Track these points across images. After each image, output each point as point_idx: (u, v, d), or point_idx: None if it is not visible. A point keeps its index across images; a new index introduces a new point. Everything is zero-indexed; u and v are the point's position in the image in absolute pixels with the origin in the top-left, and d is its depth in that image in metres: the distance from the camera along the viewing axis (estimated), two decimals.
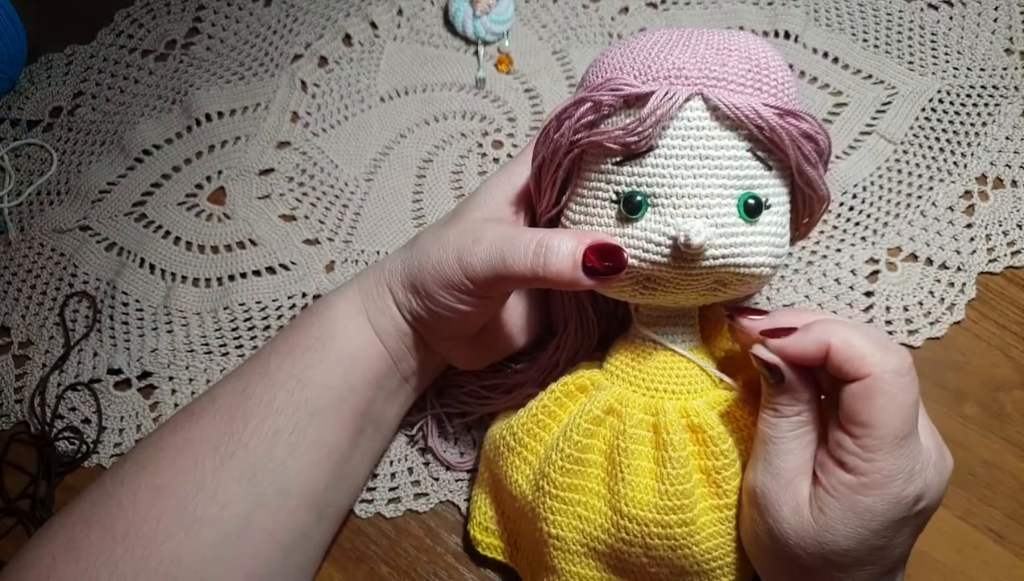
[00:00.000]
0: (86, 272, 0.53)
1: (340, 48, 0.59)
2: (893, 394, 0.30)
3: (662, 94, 0.31)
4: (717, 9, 0.58)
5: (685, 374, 0.36)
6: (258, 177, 0.55)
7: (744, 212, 0.32)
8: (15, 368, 0.50)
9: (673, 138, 0.32)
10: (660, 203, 0.32)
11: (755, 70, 0.32)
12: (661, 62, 0.32)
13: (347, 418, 0.39)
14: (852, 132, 0.54)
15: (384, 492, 0.45)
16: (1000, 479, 0.44)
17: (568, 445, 0.35)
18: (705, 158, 0.32)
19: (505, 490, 0.38)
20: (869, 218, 0.51)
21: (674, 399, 0.36)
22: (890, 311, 0.48)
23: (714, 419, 0.35)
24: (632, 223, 0.33)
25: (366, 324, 0.39)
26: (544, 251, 0.33)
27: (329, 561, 0.43)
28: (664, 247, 0.32)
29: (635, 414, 0.35)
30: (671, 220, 0.32)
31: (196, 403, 0.39)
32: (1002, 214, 0.50)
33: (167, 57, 0.60)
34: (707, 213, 0.32)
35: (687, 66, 0.32)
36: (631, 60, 0.33)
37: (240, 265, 0.52)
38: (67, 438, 0.47)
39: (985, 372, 0.47)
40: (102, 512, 0.35)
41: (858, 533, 0.30)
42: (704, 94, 0.31)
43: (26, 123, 0.58)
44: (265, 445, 0.37)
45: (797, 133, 0.32)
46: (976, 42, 0.56)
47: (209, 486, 0.35)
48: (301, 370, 0.38)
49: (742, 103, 0.31)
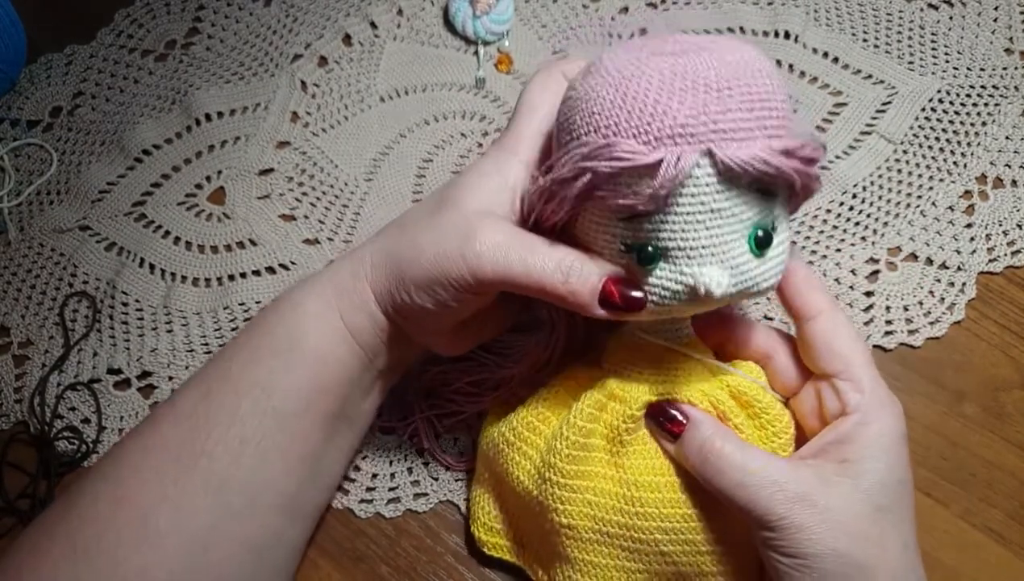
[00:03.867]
0: (86, 272, 0.53)
1: (340, 48, 0.59)
2: (847, 324, 0.35)
3: (673, 161, 0.30)
4: (717, 9, 0.58)
5: (684, 367, 0.36)
6: (258, 177, 0.55)
7: (755, 246, 0.32)
8: (15, 368, 0.50)
9: (683, 196, 0.31)
10: (674, 255, 0.32)
11: (757, 108, 0.31)
12: (662, 118, 0.30)
13: (318, 421, 0.37)
14: (852, 132, 0.54)
15: (384, 492, 0.45)
16: (1001, 479, 0.44)
17: (572, 431, 0.35)
18: (716, 211, 0.31)
19: (508, 487, 0.38)
20: (869, 218, 0.51)
21: (677, 386, 0.36)
22: (890, 311, 0.48)
23: (724, 396, 0.35)
24: (646, 273, 0.32)
25: (339, 324, 0.37)
26: (568, 271, 0.32)
27: (329, 561, 0.43)
28: (682, 295, 0.32)
29: (640, 397, 0.35)
30: (687, 269, 0.31)
31: (158, 409, 0.38)
32: (1002, 214, 0.50)
33: (167, 57, 0.60)
34: (721, 258, 0.31)
35: (690, 121, 0.30)
36: (627, 114, 0.30)
37: (240, 265, 0.52)
38: (67, 438, 0.47)
39: (985, 372, 0.47)
40: (64, 526, 0.34)
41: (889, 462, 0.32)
42: (712, 152, 0.30)
43: (26, 123, 0.58)
44: (231, 454, 0.35)
45: (802, 164, 0.31)
46: (976, 42, 0.56)
47: (171, 497, 0.34)
48: (267, 377, 0.36)
49: (749, 156, 0.30)
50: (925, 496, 0.43)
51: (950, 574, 0.42)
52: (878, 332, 0.47)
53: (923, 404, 0.46)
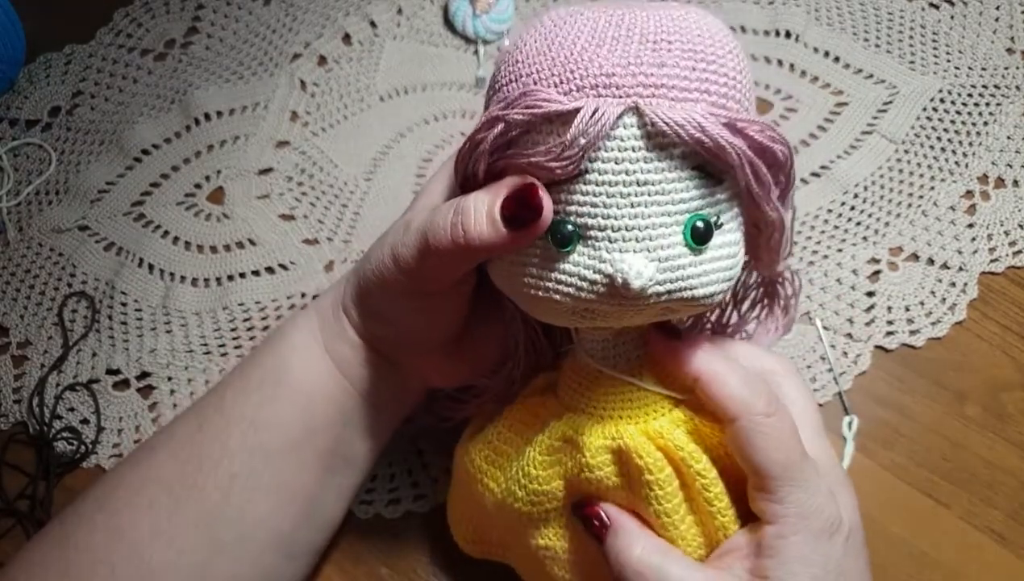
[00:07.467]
0: (85, 272, 0.53)
1: (339, 47, 0.59)
2: (765, 433, 0.29)
3: (589, 114, 0.26)
4: (718, 9, 0.58)
5: (638, 396, 0.32)
6: (257, 177, 0.55)
7: (692, 239, 0.27)
8: (13, 368, 0.50)
9: (605, 161, 0.27)
10: (593, 235, 0.27)
11: (700, 67, 0.27)
12: (586, 65, 0.26)
13: (310, 459, 0.36)
14: (853, 132, 0.53)
15: (383, 493, 0.45)
16: (1001, 479, 0.44)
17: (528, 480, 0.33)
18: (643, 184, 0.27)
19: (483, 506, 0.37)
20: (870, 218, 0.51)
21: (631, 423, 0.32)
22: (891, 311, 0.48)
23: (682, 438, 0.31)
24: (562, 257, 0.28)
25: (322, 356, 0.36)
26: (460, 216, 0.29)
27: (329, 562, 0.43)
28: (600, 286, 0.28)
29: (593, 442, 0.32)
30: (607, 255, 0.27)
31: (155, 437, 0.37)
32: (1004, 214, 0.50)
33: (166, 56, 0.60)
34: (648, 246, 0.27)
35: (617, 71, 0.26)
36: (550, 62, 0.27)
37: (239, 265, 0.52)
38: (66, 438, 0.47)
39: (987, 372, 0.46)
40: (59, 555, 0.34)
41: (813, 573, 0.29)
42: (639, 107, 0.26)
43: (25, 122, 0.58)
44: (221, 490, 0.34)
45: (748, 148, 0.27)
46: (977, 41, 0.56)
47: (165, 531, 0.34)
48: (253, 410, 0.35)
49: (683, 118, 0.26)
50: (926, 497, 0.43)
51: (950, 575, 0.42)
52: (879, 332, 0.47)
53: (924, 405, 0.46)
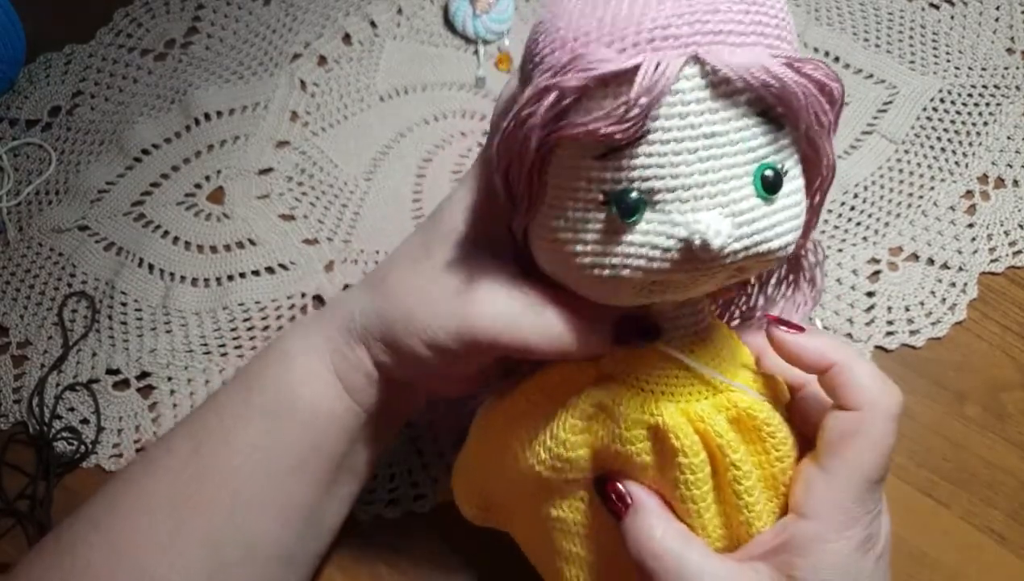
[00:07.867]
0: (85, 272, 0.53)
1: (340, 47, 0.59)
2: (877, 436, 0.28)
3: (652, 68, 0.24)
4: None
5: (684, 378, 0.31)
6: (257, 177, 0.55)
7: (763, 189, 0.26)
8: (13, 368, 0.50)
9: (668, 118, 0.25)
10: (661, 199, 0.26)
11: (752, 9, 0.25)
12: (639, 20, 0.25)
13: (315, 476, 0.36)
14: (853, 132, 0.53)
15: (384, 493, 0.45)
16: (1001, 479, 0.44)
17: (555, 444, 0.32)
18: (711, 136, 0.25)
19: (497, 467, 0.35)
20: (870, 218, 0.51)
21: (673, 402, 0.31)
22: (891, 311, 0.48)
23: (723, 424, 0.30)
24: (627, 229, 0.26)
25: (334, 382, 0.35)
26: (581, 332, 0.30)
27: (330, 562, 0.43)
28: (674, 252, 0.26)
29: (630, 414, 0.31)
30: (680, 218, 0.26)
31: (153, 451, 0.36)
32: (1003, 214, 0.50)
33: (166, 56, 0.60)
34: (721, 201, 0.26)
35: (672, 22, 0.24)
36: (598, 22, 0.25)
37: (239, 265, 0.52)
38: (66, 438, 0.47)
39: (987, 372, 0.46)
40: (59, 572, 0.33)
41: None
42: (700, 57, 0.25)
43: (25, 122, 0.58)
44: (224, 511, 0.34)
45: (813, 87, 0.26)
46: (977, 41, 0.56)
47: (168, 551, 0.33)
48: (259, 437, 0.35)
49: (749, 61, 0.24)
50: (926, 497, 0.43)
51: (951, 574, 0.42)
52: (879, 332, 0.47)
53: (924, 405, 0.46)
